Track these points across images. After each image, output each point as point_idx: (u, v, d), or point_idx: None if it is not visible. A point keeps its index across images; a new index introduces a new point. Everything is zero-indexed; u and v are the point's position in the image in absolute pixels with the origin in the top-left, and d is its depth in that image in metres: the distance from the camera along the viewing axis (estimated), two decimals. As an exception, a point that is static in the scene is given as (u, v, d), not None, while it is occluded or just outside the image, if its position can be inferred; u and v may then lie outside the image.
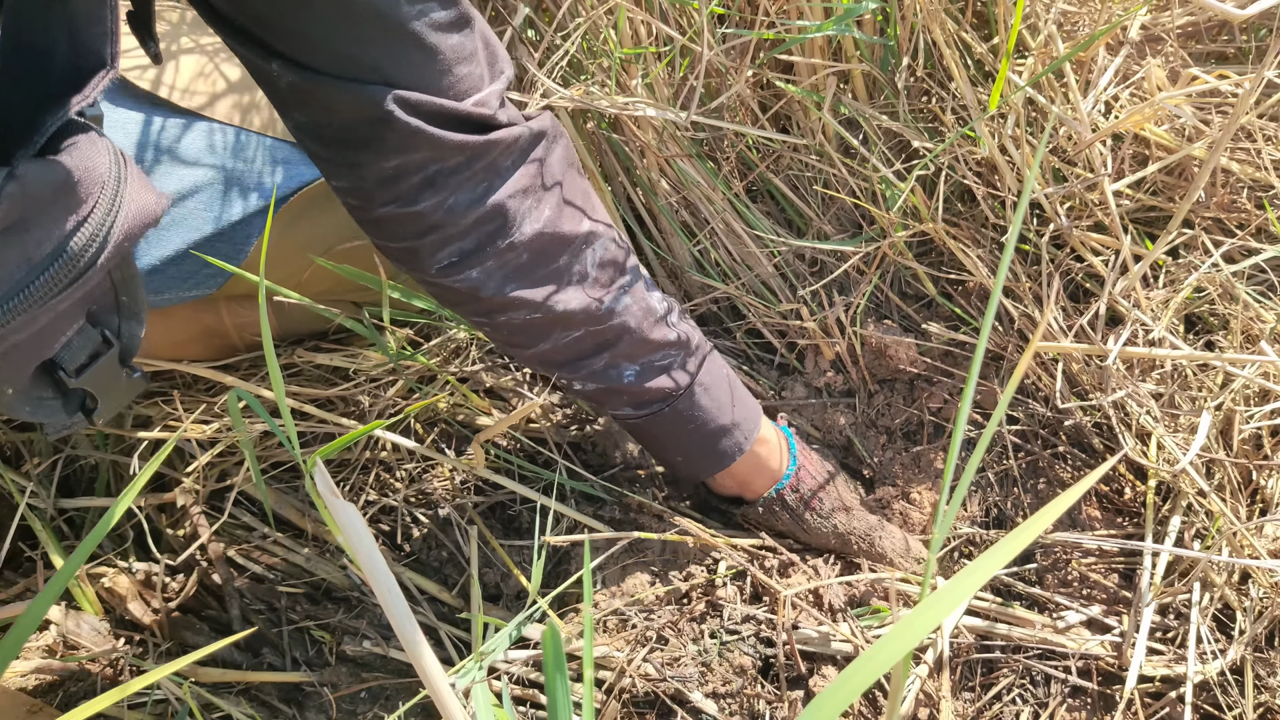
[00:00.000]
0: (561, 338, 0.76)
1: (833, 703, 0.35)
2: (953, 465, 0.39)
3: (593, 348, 0.78)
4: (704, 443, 0.84)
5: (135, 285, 0.63)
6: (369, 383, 0.97)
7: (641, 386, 0.80)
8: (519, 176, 0.69)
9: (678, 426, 0.83)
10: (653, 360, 0.80)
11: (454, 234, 0.68)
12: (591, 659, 0.47)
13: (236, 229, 0.83)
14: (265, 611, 0.92)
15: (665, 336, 0.79)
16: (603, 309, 0.76)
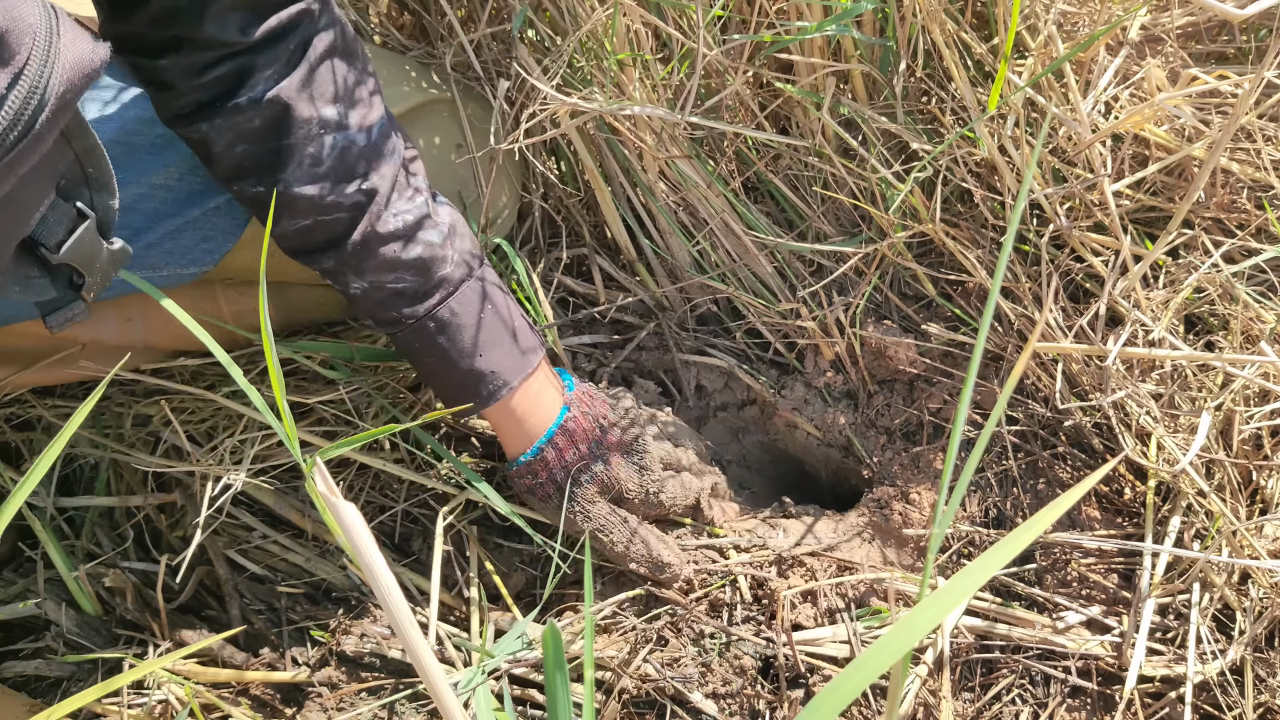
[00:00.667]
0: (290, 223, 0.76)
1: (832, 703, 0.35)
2: (951, 465, 0.39)
3: (323, 242, 0.78)
4: (446, 381, 0.83)
5: (99, 156, 0.63)
6: (369, 377, 0.97)
7: (369, 302, 0.80)
8: (276, 54, 0.71)
9: (416, 356, 0.83)
10: (382, 280, 0.79)
11: (188, 89, 0.71)
12: (592, 659, 0.47)
13: (233, 204, 0.83)
14: (265, 611, 0.92)
15: (400, 255, 0.78)
16: (326, 202, 0.75)
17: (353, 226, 0.77)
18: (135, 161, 0.79)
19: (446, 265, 0.80)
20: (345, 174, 0.76)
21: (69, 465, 1.03)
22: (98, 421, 1.00)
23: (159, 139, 0.80)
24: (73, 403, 1.01)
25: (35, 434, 1.01)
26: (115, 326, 0.92)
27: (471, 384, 0.83)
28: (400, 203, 0.78)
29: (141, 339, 0.94)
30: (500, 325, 0.83)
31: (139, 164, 0.79)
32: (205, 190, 0.82)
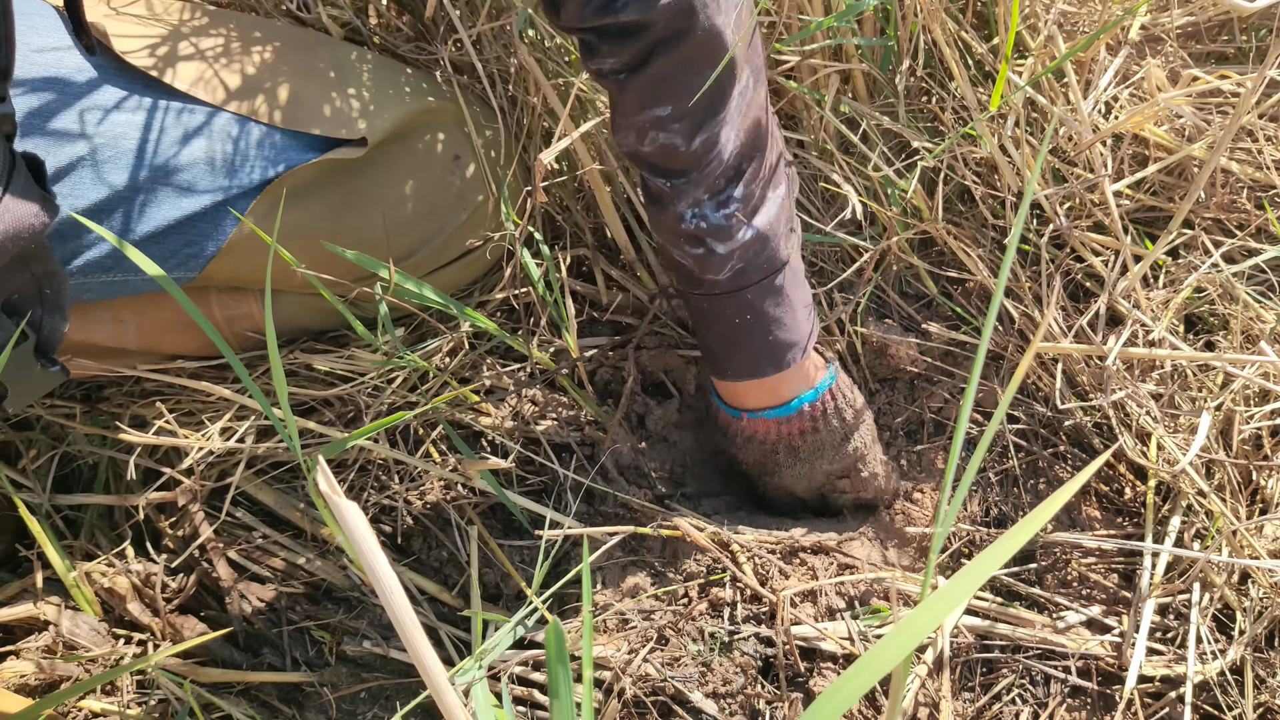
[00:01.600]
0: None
1: (834, 703, 0.35)
2: (954, 465, 0.39)
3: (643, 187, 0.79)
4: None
5: (59, 280, 0.63)
6: (365, 384, 0.97)
7: (661, 255, 0.80)
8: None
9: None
10: (668, 249, 0.81)
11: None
12: (591, 659, 0.47)
13: (218, 209, 0.83)
14: (265, 611, 0.92)
15: (680, 247, 0.80)
16: (636, 162, 0.77)
17: (659, 199, 0.79)
18: (120, 166, 0.79)
19: (719, 272, 0.80)
20: (660, 166, 0.77)
21: (67, 465, 1.02)
22: (95, 421, 1.00)
23: (144, 144, 0.80)
24: (71, 403, 1.00)
25: (34, 433, 1.01)
26: (108, 328, 0.92)
27: (708, 357, 0.87)
28: (705, 208, 0.78)
29: (135, 341, 0.93)
30: (749, 336, 0.84)
31: (126, 166, 0.79)
32: (188, 195, 0.82)
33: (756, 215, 0.79)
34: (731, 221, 0.78)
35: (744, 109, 0.76)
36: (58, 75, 0.79)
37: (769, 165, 0.79)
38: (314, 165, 0.85)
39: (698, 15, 0.69)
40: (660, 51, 0.70)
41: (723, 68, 0.72)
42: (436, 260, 0.97)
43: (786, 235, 0.82)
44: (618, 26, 0.69)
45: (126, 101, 0.81)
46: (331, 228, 0.88)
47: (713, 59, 0.72)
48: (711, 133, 0.74)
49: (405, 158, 0.92)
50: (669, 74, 0.71)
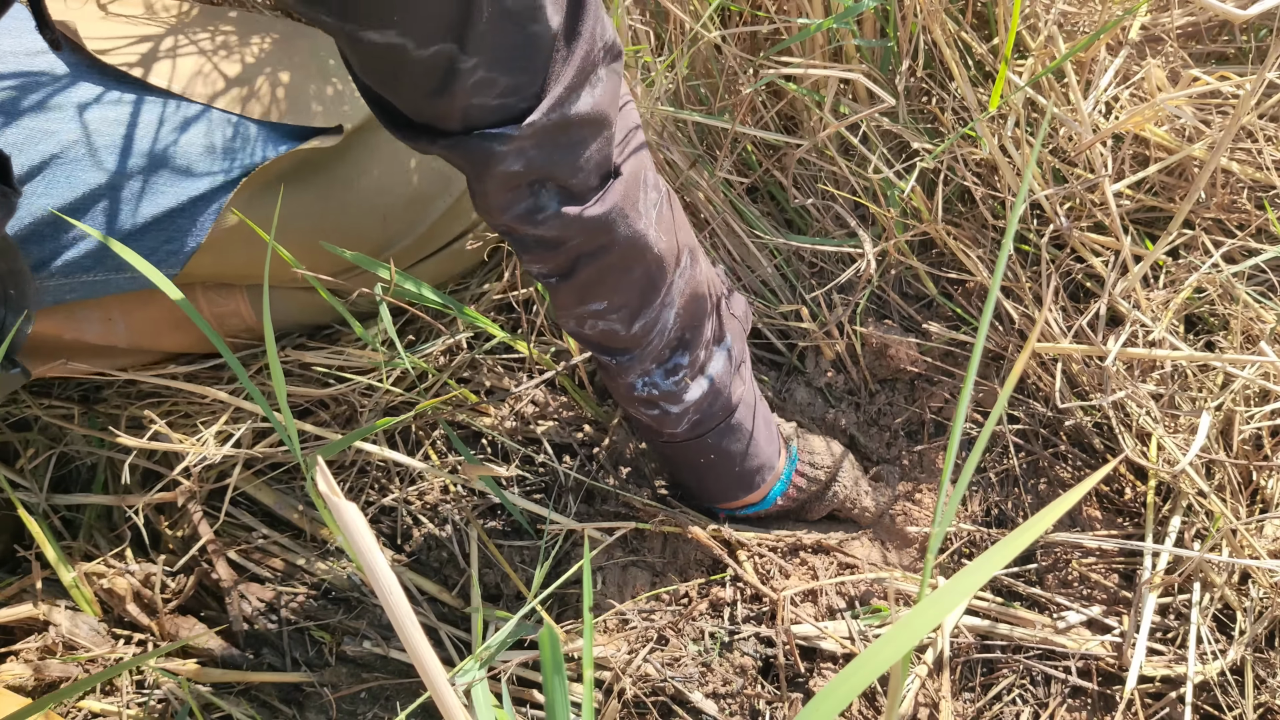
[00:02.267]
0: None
1: (832, 702, 0.35)
2: (951, 464, 0.39)
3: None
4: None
5: (23, 280, 0.62)
6: (362, 383, 0.97)
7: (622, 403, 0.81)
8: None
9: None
10: (627, 409, 0.81)
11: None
12: (591, 660, 0.47)
13: (196, 204, 0.83)
14: (265, 611, 0.92)
15: (640, 411, 0.80)
16: (579, 338, 0.76)
17: (605, 369, 0.79)
18: (97, 161, 0.79)
19: (677, 426, 0.81)
20: (604, 346, 0.77)
21: (65, 466, 1.02)
22: (93, 422, 1.00)
23: (122, 140, 0.80)
24: (69, 404, 1.00)
25: (32, 434, 1.01)
26: (98, 327, 0.91)
27: (687, 490, 0.91)
28: (654, 375, 0.78)
29: (124, 339, 0.93)
30: (716, 471, 0.85)
31: (100, 163, 0.79)
32: (165, 191, 0.82)
33: (705, 370, 0.80)
34: (681, 385, 0.79)
35: (683, 289, 0.75)
36: (31, 72, 0.79)
37: (712, 325, 0.80)
38: (291, 155, 0.85)
39: (616, 228, 0.68)
40: (584, 263, 0.69)
41: (653, 265, 0.71)
42: (421, 250, 0.96)
43: (736, 375, 0.82)
44: (535, 239, 0.67)
45: (100, 99, 0.81)
46: (314, 218, 0.87)
47: (641, 259, 0.71)
48: (650, 317, 0.74)
49: (385, 146, 0.91)
50: (597, 279, 0.70)
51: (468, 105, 0.57)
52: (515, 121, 0.58)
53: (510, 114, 0.58)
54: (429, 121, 0.59)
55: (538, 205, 0.64)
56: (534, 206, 0.64)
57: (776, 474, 0.88)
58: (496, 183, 0.62)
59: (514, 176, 0.61)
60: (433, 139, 0.59)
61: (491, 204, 0.64)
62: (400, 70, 0.54)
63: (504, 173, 0.61)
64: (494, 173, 0.61)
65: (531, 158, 0.61)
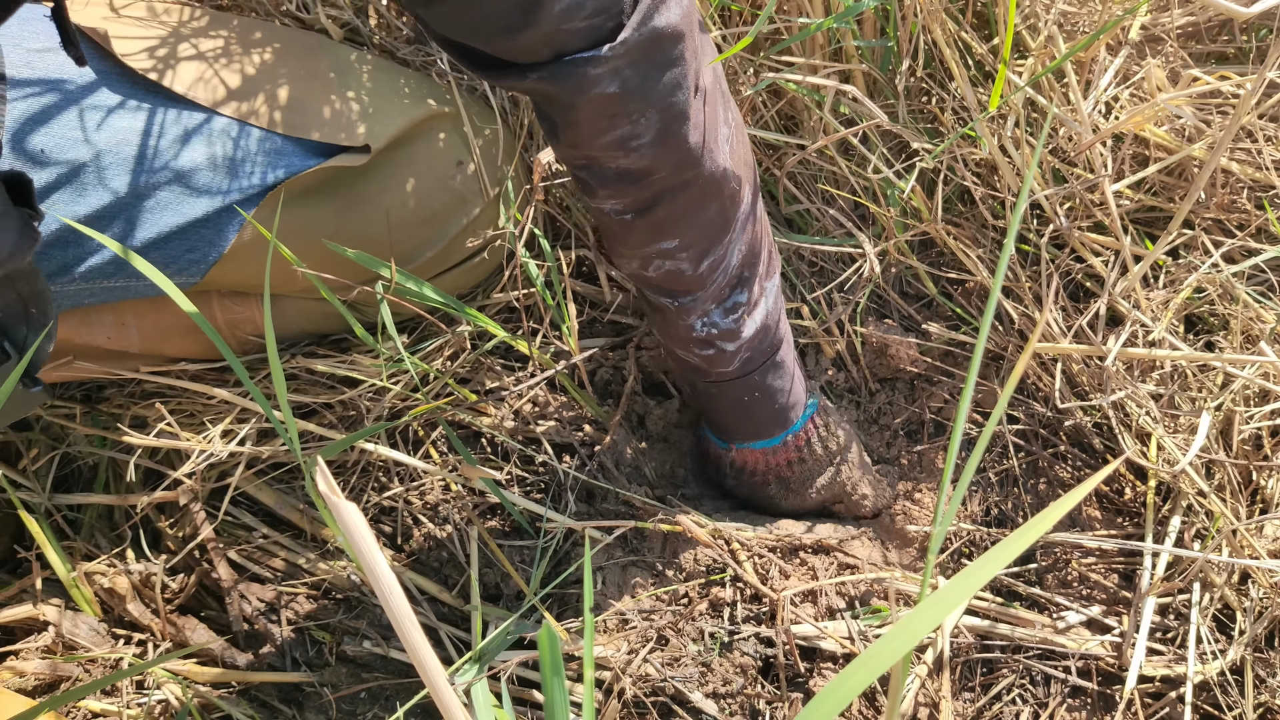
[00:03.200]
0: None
1: (832, 702, 0.35)
2: (952, 464, 0.39)
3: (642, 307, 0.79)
4: (708, 416, 0.86)
5: (44, 300, 0.62)
6: (367, 388, 0.97)
7: (664, 351, 0.81)
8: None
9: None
10: (675, 351, 0.82)
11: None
12: (592, 660, 0.47)
13: (221, 215, 0.83)
14: (265, 611, 0.92)
15: (692, 351, 0.81)
16: (643, 291, 0.77)
17: (663, 312, 0.80)
18: (123, 171, 0.79)
19: (729, 365, 0.82)
20: (665, 288, 0.77)
21: (67, 466, 1.02)
22: (95, 422, 1.00)
23: (149, 149, 0.80)
24: (71, 404, 1.00)
25: (34, 434, 1.01)
26: (111, 331, 0.92)
27: (715, 426, 0.91)
28: (713, 315, 0.79)
29: (137, 344, 0.93)
30: (758, 408, 0.86)
31: (127, 172, 0.79)
32: (191, 201, 0.82)
33: (759, 306, 0.81)
34: (739, 323, 0.80)
35: (747, 225, 0.76)
36: (60, 78, 0.79)
37: (764, 261, 0.80)
38: (316, 171, 0.85)
39: (702, 163, 0.68)
40: (666, 198, 0.69)
41: (728, 202, 0.72)
42: (439, 265, 0.97)
43: (782, 312, 0.84)
44: (620, 171, 0.67)
45: (128, 106, 0.81)
46: (334, 232, 0.88)
47: (719, 195, 0.71)
48: (718, 255, 0.75)
49: (408, 163, 0.92)
50: (677, 215, 0.71)
51: (555, 31, 0.55)
52: (606, 41, 0.57)
53: (599, 34, 0.57)
54: (516, 58, 0.58)
55: (634, 133, 0.63)
56: (629, 134, 0.63)
57: (796, 414, 0.89)
58: (592, 108, 0.60)
59: (611, 101, 0.60)
60: (522, 73, 0.58)
61: (584, 133, 0.62)
62: (481, 7, 0.53)
63: (600, 96, 0.59)
64: (589, 97, 0.59)
65: (627, 77, 0.59)
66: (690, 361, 0.83)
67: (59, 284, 0.80)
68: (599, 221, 0.75)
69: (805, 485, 0.92)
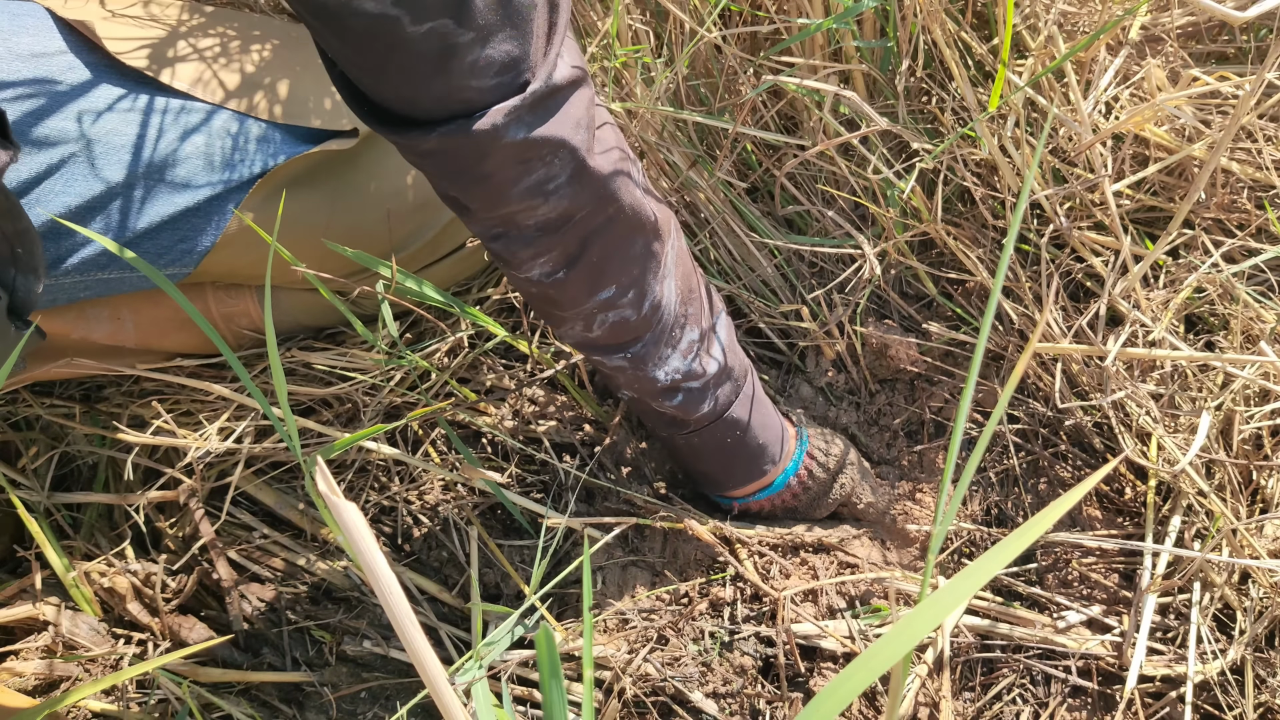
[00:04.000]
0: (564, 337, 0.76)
1: (832, 702, 0.35)
2: (952, 464, 0.39)
3: (594, 358, 0.79)
4: (684, 470, 0.86)
5: (30, 239, 0.62)
6: (364, 383, 0.97)
7: (633, 406, 0.82)
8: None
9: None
10: (646, 401, 0.82)
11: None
12: (591, 659, 0.47)
13: (212, 204, 0.83)
14: (265, 611, 0.92)
15: (660, 403, 0.81)
16: (594, 357, 0.78)
17: (620, 371, 0.79)
18: (113, 160, 0.79)
19: (705, 406, 0.82)
20: (614, 344, 0.77)
21: (67, 465, 1.02)
22: (94, 420, 1.00)
23: (138, 139, 0.80)
24: (70, 403, 1.01)
25: (33, 433, 1.01)
26: (106, 326, 0.92)
27: (706, 481, 0.91)
28: (672, 361, 0.79)
29: (133, 338, 0.93)
30: (745, 447, 0.86)
31: (117, 162, 0.79)
32: (181, 190, 0.82)
33: (713, 345, 0.81)
34: (698, 362, 0.80)
35: (675, 257, 0.76)
36: (48, 75, 0.79)
37: (703, 298, 0.81)
38: (305, 158, 0.85)
39: (619, 195, 0.68)
40: (593, 240, 0.68)
41: (650, 234, 0.72)
42: (431, 254, 0.96)
43: (738, 346, 0.84)
44: (540, 225, 0.66)
45: (118, 99, 0.81)
46: (325, 221, 0.88)
47: (641, 228, 0.71)
48: (655, 293, 0.74)
49: (397, 151, 0.92)
50: (608, 255, 0.70)
51: (464, 86, 0.55)
52: (513, 96, 0.57)
53: (506, 91, 0.57)
54: (423, 114, 0.58)
55: (549, 175, 0.63)
56: (545, 176, 0.63)
57: (789, 453, 0.88)
58: (504, 155, 0.60)
59: (522, 146, 0.60)
60: (427, 131, 0.58)
61: (497, 186, 0.62)
62: (393, 52, 0.52)
63: (511, 143, 0.59)
64: (501, 145, 0.59)
65: (531, 122, 0.60)
66: (667, 414, 0.83)
67: (52, 277, 0.80)
68: (530, 296, 0.74)
69: (813, 508, 0.92)
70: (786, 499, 0.91)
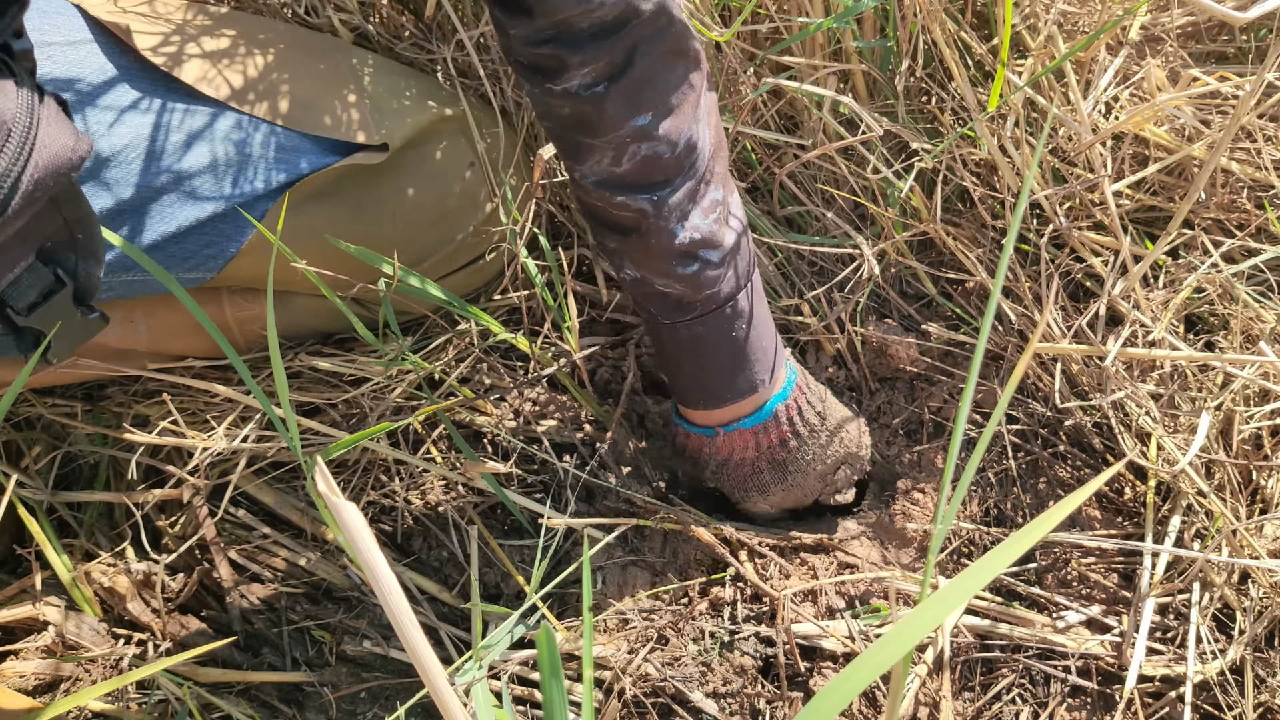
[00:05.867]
0: (582, 199, 0.75)
1: (832, 702, 0.35)
2: (952, 464, 0.39)
3: (609, 226, 0.77)
4: (681, 379, 0.83)
5: (90, 224, 0.63)
6: (370, 387, 0.97)
7: (634, 291, 0.79)
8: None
9: (660, 346, 0.83)
10: (653, 280, 0.78)
11: (522, 54, 0.68)
12: (591, 659, 0.47)
13: (237, 212, 0.83)
14: (265, 611, 0.92)
15: (675, 268, 0.77)
16: (616, 200, 0.74)
17: (638, 226, 0.75)
18: (144, 164, 0.79)
19: (719, 284, 0.78)
20: (641, 181, 0.73)
21: (68, 465, 1.02)
22: (97, 420, 1.00)
23: (169, 143, 0.80)
24: (73, 402, 1.01)
25: (35, 432, 1.01)
26: (119, 329, 0.92)
27: (704, 388, 0.84)
28: (694, 217, 0.76)
29: (145, 341, 0.94)
30: (748, 343, 0.82)
31: (147, 167, 0.79)
32: (211, 196, 0.82)
33: (733, 211, 0.78)
34: (719, 225, 0.76)
35: (711, 103, 0.75)
36: (79, 75, 0.79)
37: (727, 160, 0.78)
38: (333, 170, 0.85)
39: (672, 11, 0.69)
40: (641, 52, 0.68)
41: (693, 63, 0.71)
42: (447, 266, 0.97)
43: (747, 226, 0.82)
44: (595, 27, 0.66)
45: (147, 102, 0.81)
46: (348, 232, 0.88)
47: (685, 53, 0.70)
48: (692, 131, 0.73)
49: (421, 164, 0.92)
50: (653, 74, 0.69)
51: None
52: None
53: None
54: None
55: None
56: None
57: (780, 380, 0.85)
58: None
59: None
60: None
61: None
62: None
63: None
64: None
65: None
66: (674, 294, 0.78)
67: None
68: (562, 120, 0.72)
69: (805, 465, 0.87)
70: (773, 441, 0.86)
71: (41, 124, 0.54)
